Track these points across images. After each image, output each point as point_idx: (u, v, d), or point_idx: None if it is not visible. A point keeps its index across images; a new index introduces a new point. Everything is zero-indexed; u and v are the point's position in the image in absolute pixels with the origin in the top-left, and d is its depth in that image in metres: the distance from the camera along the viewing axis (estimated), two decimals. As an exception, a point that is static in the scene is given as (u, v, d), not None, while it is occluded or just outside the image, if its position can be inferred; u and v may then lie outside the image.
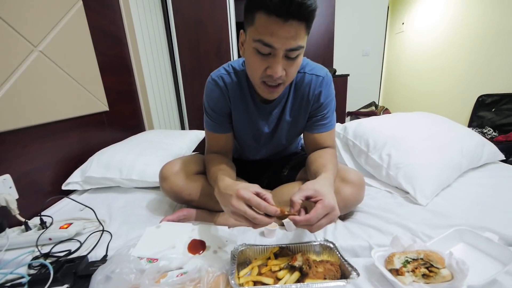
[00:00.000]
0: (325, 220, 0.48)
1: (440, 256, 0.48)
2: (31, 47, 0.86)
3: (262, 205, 0.48)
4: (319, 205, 0.48)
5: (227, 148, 0.79)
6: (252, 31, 0.54)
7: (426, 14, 3.06)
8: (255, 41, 0.53)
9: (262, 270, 0.51)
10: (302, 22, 0.51)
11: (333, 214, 0.49)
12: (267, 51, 0.53)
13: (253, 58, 0.56)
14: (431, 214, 0.73)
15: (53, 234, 0.68)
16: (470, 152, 0.96)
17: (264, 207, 0.48)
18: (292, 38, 0.51)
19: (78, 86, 1.07)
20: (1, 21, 0.75)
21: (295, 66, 0.58)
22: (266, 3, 0.48)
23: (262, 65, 0.56)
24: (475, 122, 2.41)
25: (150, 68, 1.71)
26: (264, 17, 0.50)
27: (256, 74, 0.58)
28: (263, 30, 0.51)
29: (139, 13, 1.59)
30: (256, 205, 0.48)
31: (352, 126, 1.10)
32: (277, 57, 0.54)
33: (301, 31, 0.52)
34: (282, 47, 0.52)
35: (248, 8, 0.53)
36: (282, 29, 0.50)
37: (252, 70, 0.59)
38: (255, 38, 0.53)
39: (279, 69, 0.55)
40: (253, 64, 0.58)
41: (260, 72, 0.57)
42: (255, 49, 0.55)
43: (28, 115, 0.84)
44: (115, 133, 1.32)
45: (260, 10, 0.50)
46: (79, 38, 1.09)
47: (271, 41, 0.51)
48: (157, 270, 0.51)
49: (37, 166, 0.89)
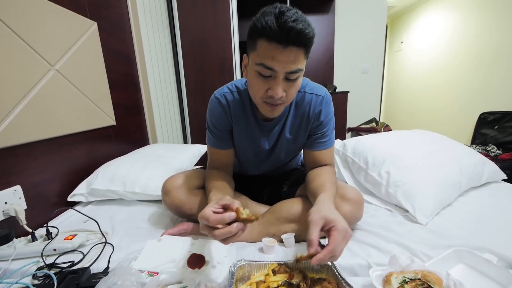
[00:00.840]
0: (344, 244, 0.49)
1: (438, 277, 0.48)
2: (48, 66, 0.91)
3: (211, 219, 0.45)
4: (335, 233, 0.48)
5: (228, 164, 0.81)
6: (254, 56, 0.58)
7: (425, 33, 3.16)
8: (257, 65, 0.57)
9: (260, 287, 0.52)
10: (301, 48, 0.55)
11: (349, 235, 0.50)
12: (268, 73, 0.57)
13: (255, 80, 0.60)
14: (430, 233, 0.73)
15: (58, 245, 0.69)
16: (469, 170, 0.97)
17: (213, 220, 0.45)
18: (292, 62, 0.55)
19: (89, 102, 1.12)
20: (22, 41, 0.81)
21: (295, 88, 0.62)
22: (268, 32, 0.53)
23: (263, 87, 0.60)
24: (478, 140, 2.41)
25: (156, 84, 1.78)
26: (266, 44, 0.54)
27: (258, 95, 0.62)
28: (264, 55, 0.55)
29: (148, 33, 1.68)
30: (211, 222, 0.46)
31: (351, 143, 1.12)
32: (278, 79, 0.58)
33: (300, 56, 0.56)
34: (282, 70, 0.56)
35: (251, 36, 0.58)
36: (282, 54, 0.54)
37: (254, 91, 0.63)
38: (257, 62, 0.57)
39: (280, 90, 0.59)
40: (255, 86, 0.62)
41: (262, 93, 0.61)
42: (257, 72, 0.59)
43: (40, 129, 0.88)
44: (120, 146, 1.36)
45: (262, 37, 0.54)
46: (93, 57, 1.16)
47: (272, 64, 0.55)
48: (157, 284, 0.52)
49: (46, 178, 0.92)
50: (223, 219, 0.46)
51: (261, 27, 0.53)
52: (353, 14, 2.80)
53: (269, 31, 0.52)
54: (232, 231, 0.46)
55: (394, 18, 3.75)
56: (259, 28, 0.54)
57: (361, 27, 2.84)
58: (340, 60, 2.90)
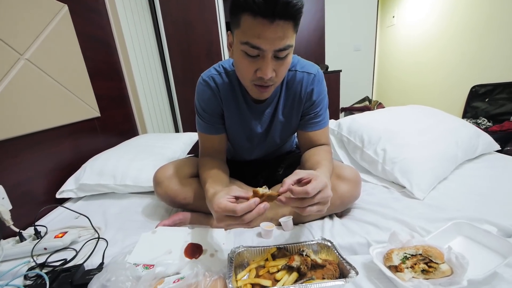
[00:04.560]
0: (322, 197, 0.46)
1: (439, 251, 0.48)
2: (17, 55, 0.84)
3: (238, 209, 0.45)
4: (313, 180, 0.46)
5: (220, 149, 0.78)
6: (239, 34, 0.53)
7: (416, 6, 3.08)
8: (242, 44, 0.53)
9: (260, 272, 0.51)
10: (289, 21, 0.50)
11: (325, 193, 0.46)
12: (255, 53, 0.53)
13: (242, 61, 0.56)
14: (428, 208, 0.73)
15: (48, 244, 0.67)
16: (465, 143, 0.97)
17: (241, 210, 0.45)
18: (280, 38, 0.51)
19: (68, 93, 1.05)
20: (-16, 29, 0.74)
21: (285, 66, 0.57)
22: (251, 5, 0.47)
23: (251, 68, 0.56)
24: (469, 113, 2.42)
25: (141, 72, 1.69)
26: (250, 19, 0.49)
27: (246, 77, 0.58)
28: (249, 32, 0.50)
29: (127, 17, 1.57)
30: (233, 212, 0.45)
31: (346, 122, 1.10)
32: (266, 59, 0.53)
33: (288, 31, 0.51)
34: (270, 48, 0.51)
35: (233, 11, 0.53)
36: (269, 30, 0.49)
37: (242, 72, 0.59)
38: (242, 40, 0.52)
39: (269, 70, 0.54)
40: (242, 67, 0.57)
41: (250, 75, 0.57)
42: (243, 52, 0.54)
43: (17, 124, 0.82)
44: (108, 139, 1.31)
45: (245, 12, 0.49)
46: (66, 44, 1.07)
47: (258, 43, 0.51)
48: (153, 277, 0.50)
49: (30, 176, 0.87)
50: (250, 206, 0.45)
51: (244, 1, 0.48)
52: (343, -12, 2.70)
53: (253, 4, 0.47)
54: (261, 212, 0.46)
55: (385, -8, 3.62)
56: (241, 2, 0.49)
57: (352, 2, 2.75)
58: (331, 38, 2.82)
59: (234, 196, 0.49)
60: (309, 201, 0.46)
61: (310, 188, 0.44)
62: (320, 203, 0.47)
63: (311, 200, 0.45)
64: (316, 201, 0.46)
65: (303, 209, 0.46)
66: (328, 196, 0.47)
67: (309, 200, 0.46)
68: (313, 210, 0.47)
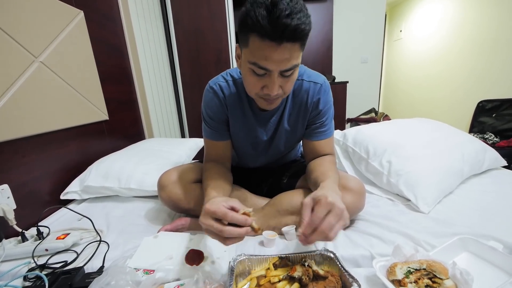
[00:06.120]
0: (333, 219, 0.45)
1: (444, 266, 0.47)
2: (32, 58, 0.87)
3: (229, 215, 0.45)
4: (316, 207, 0.46)
5: (225, 156, 0.78)
6: (247, 53, 0.55)
7: (424, 21, 3.11)
8: (250, 63, 0.54)
9: (261, 282, 0.50)
10: (296, 43, 0.51)
11: (337, 210, 0.45)
12: (262, 72, 0.54)
13: (250, 78, 0.57)
14: (433, 222, 0.72)
15: (50, 245, 0.67)
16: (471, 158, 0.95)
17: (231, 217, 0.45)
18: (287, 60, 0.52)
19: (78, 96, 1.08)
20: (2, 32, 0.77)
21: (291, 82, 0.59)
22: (259, 27, 0.48)
23: (258, 84, 0.57)
24: (476, 128, 2.40)
25: (150, 77, 1.73)
26: (258, 41, 0.50)
27: (254, 91, 0.60)
28: (257, 53, 0.52)
29: (140, 24, 1.62)
30: (222, 216, 0.46)
31: (352, 133, 1.10)
32: (273, 78, 0.54)
33: (295, 52, 0.52)
34: (277, 69, 0.53)
35: (241, 29, 0.53)
36: (276, 52, 0.50)
37: (249, 87, 0.61)
38: (250, 60, 0.54)
39: (275, 88, 0.56)
40: (249, 83, 0.59)
41: (258, 90, 0.59)
42: (251, 69, 0.55)
43: (27, 125, 0.84)
44: (115, 142, 1.33)
45: (253, 33, 0.50)
46: (80, 48, 1.11)
47: (265, 64, 0.52)
48: (153, 282, 0.50)
49: (36, 176, 0.88)
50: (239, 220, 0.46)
51: (252, 23, 0.49)
52: (352, 2, 2.74)
53: (261, 28, 0.48)
54: (242, 234, 0.46)
55: (393, 6, 3.67)
56: (249, 23, 0.49)
57: (360, 15, 2.79)
58: (339, 50, 2.85)
59: (231, 206, 0.49)
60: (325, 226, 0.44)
61: (316, 218, 0.45)
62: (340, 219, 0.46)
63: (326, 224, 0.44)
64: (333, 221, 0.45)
65: (327, 236, 0.45)
66: (341, 210, 0.46)
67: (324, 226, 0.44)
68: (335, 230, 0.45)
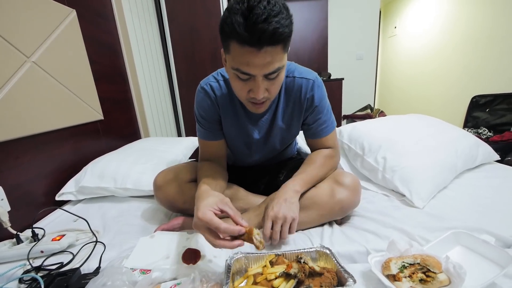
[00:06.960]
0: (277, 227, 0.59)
1: (437, 261, 0.47)
2: (24, 58, 0.85)
3: (222, 228, 0.46)
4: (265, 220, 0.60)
5: (220, 155, 0.79)
6: (229, 59, 0.55)
7: (418, 17, 3.12)
8: (233, 69, 0.54)
9: (257, 279, 0.50)
10: (278, 46, 0.50)
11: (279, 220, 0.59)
12: (246, 77, 0.54)
13: (235, 83, 0.58)
14: (428, 216, 0.73)
15: (45, 247, 0.66)
16: (465, 153, 0.96)
17: (224, 230, 0.46)
18: (269, 63, 0.51)
19: (72, 96, 1.06)
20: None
21: (277, 84, 0.59)
22: (237, 35, 0.47)
23: (244, 89, 0.57)
24: (470, 123, 2.43)
25: (145, 76, 1.71)
26: (238, 47, 0.50)
27: (241, 95, 0.60)
28: (238, 59, 0.51)
29: (134, 22, 1.60)
30: (215, 229, 0.46)
31: (347, 129, 1.10)
32: (257, 82, 0.54)
33: (277, 55, 0.51)
34: (260, 73, 0.53)
35: (222, 36, 0.53)
36: (257, 58, 0.50)
37: (236, 91, 0.61)
38: (233, 66, 0.54)
39: (261, 92, 0.56)
40: (236, 88, 0.60)
41: (244, 94, 0.59)
42: (235, 75, 0.55)
43: (20, 125, 0.83)
44: (110, 142, 1.32)
45: (233, 39, 0.49)
46: (73, 48, 1.09)
47: (248, 69, 0.52)
48: (150, 282, 0.50)
49: (30, 177, 0.88)
50: (233, 231, 0.47)
51: (229, 30, 0.48)
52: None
53: (238, 35, 0.47)
54: (233, 247, 0.48)
55: (387, 3, 3.68)
56: (227, 31, 0.49)
57: (355, 12, 2.79)
58: (334, 47, 2.85)
59: (221, 209, 0.49)
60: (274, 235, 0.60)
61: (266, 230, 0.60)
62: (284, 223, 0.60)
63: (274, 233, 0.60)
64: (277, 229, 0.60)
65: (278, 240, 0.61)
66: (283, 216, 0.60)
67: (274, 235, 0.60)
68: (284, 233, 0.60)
